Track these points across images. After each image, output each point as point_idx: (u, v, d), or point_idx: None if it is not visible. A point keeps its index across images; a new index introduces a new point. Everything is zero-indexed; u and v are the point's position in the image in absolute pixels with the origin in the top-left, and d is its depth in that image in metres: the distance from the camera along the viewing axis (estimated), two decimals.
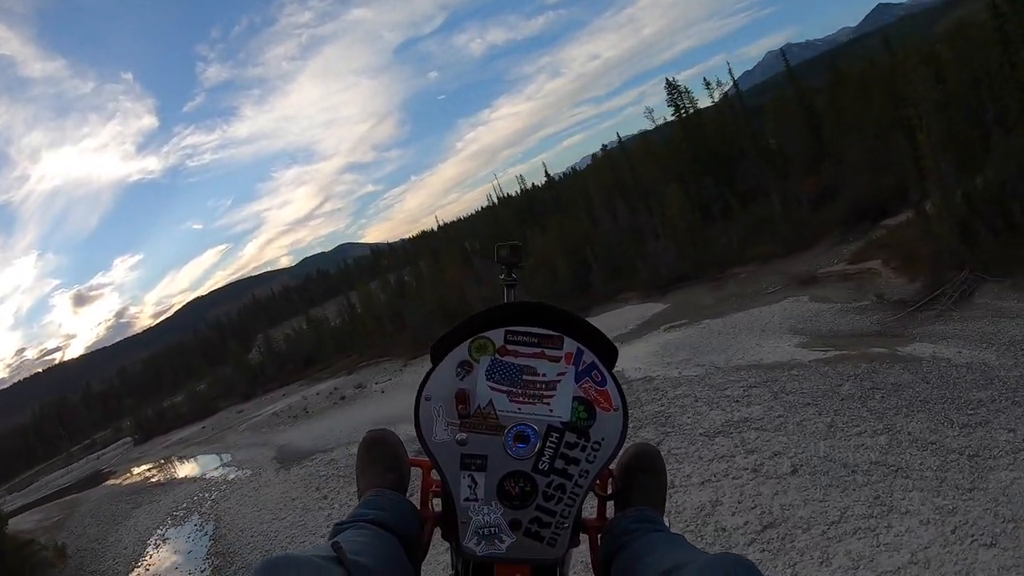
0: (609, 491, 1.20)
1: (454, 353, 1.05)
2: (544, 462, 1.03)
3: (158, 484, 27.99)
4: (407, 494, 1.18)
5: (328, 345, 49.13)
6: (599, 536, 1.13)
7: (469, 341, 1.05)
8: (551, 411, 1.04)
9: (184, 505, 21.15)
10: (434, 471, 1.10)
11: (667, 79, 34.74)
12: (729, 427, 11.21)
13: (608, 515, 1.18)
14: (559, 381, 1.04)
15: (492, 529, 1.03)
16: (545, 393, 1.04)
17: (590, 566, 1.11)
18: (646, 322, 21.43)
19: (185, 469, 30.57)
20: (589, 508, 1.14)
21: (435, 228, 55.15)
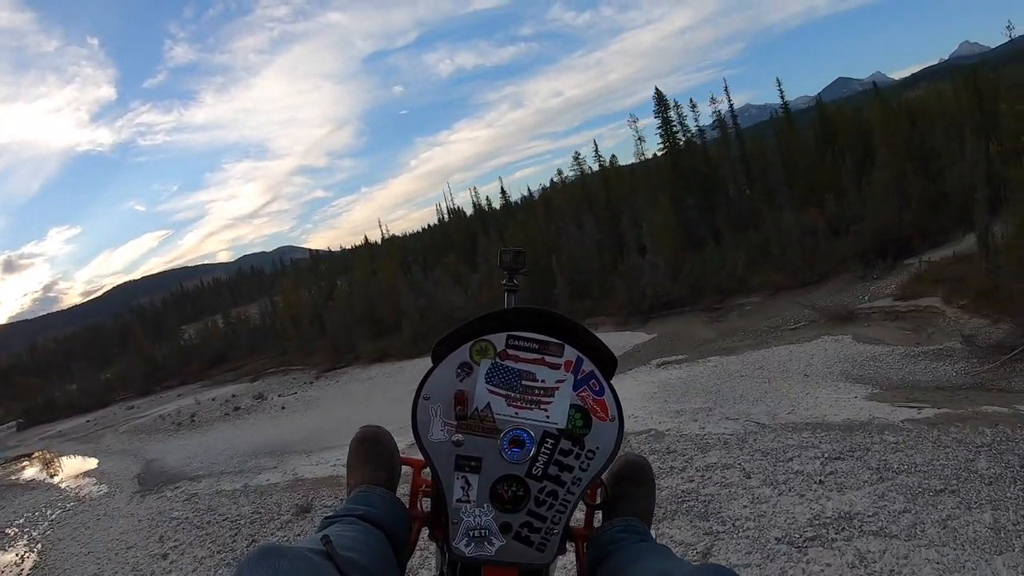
0: (598, 500, 1.17)
1: (455, 354, 1.04)
2: (538, 468, 1.02)
3: (12, 484, 23.70)
4: (397, 492, 1.15)
5: (241, 345, 44.98)
6: (585, 544, 1.12)
7: (471, 343, 1.04)
8: (548, 417, 1.03)
9: (20, 521, 17.22)
10: (425, 470, 1.10)
11: (656, 89, 32.02)
12: (824, 527, 6.48)
13: (596, 524, 1.16)
14: (557, 388, 1.03)
15: (482, 531, 1.02)
16: (543, 399, 1.03)
17: (575, 574, 1.09)
18: (628, 354, 17.76)
19: (47, 471, 25.97)
20: (577, 516, 1.11)
21: (379, 240, 50.01)
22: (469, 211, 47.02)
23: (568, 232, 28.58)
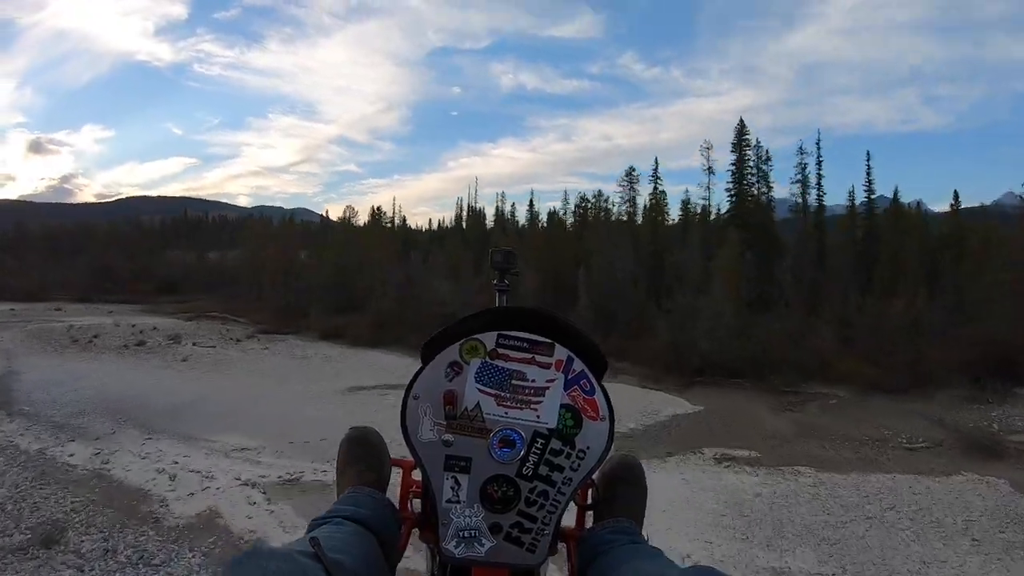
0: (589, 501, 1.16)
1: (444, 353, 1.03)
2: (528, 468, 1.01)
3: None
4: (387, 493, 1.13)
5: (197, 281, 40.53)
6: (576, 545, 1.11)
7: (460, 342, 1.02)
8: (538, 417, 1.02)
9: None
10: (415, 471, 1.09)
11: (741, 120, 27.70)
12: None
13: (588, 525, 1.15)
14: (548, 388, 1.03)
15: (472, 532, 1.01)
16: (533, 399, 1.02)
17: (567, 574, 1.09)
18: (664, 427, 12.52)
19: None
20: (569, 517, 1.10)
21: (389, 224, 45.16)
22: (492, 216, 42.52)
23: (603, 251, 23.25)
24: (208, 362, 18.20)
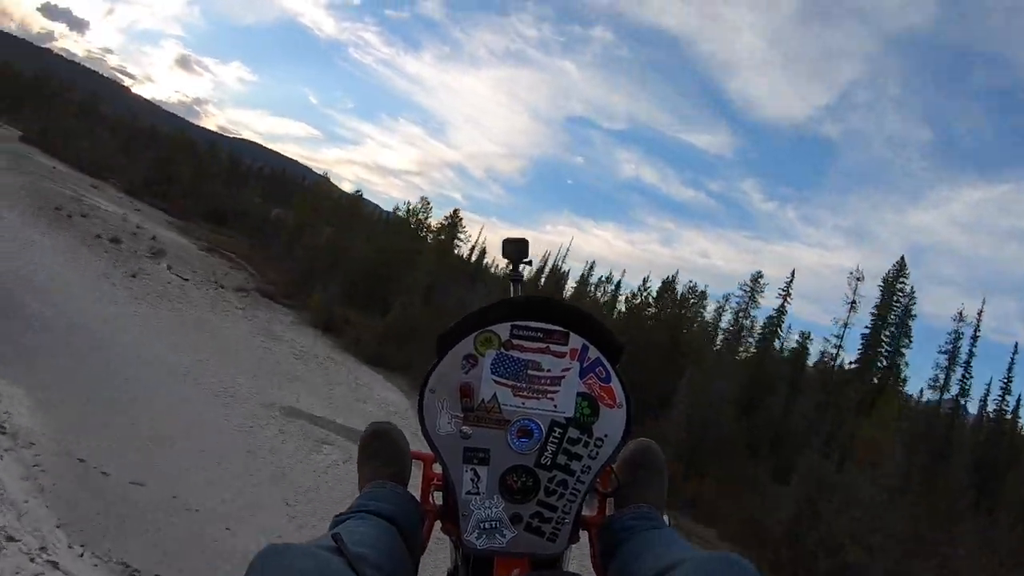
0: (610, 488, 1.13)
1: (459, 346, 1.01)
2: (547, 457, 1.00)
3: None
4: (408, 487, 1.12)
5: (246, 224, 37.34)
6: (598, 532, 1.10)
7: (475, 335, 1.01)
8: (555, 406, 1.01)
9: None
10: (435, 464, 1.08)
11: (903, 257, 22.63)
12: None
13: (609, 512, 1.13)
14: (563, 377, 1.01)
15: (493, 523, 1.01)
16: (549, 388, 1.01)
17: (590, 562, 1.07)
18: None
19: None
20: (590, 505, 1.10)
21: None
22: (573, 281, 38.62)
23: (704, 369, 18.23)
24: (156, 294, 14.06)
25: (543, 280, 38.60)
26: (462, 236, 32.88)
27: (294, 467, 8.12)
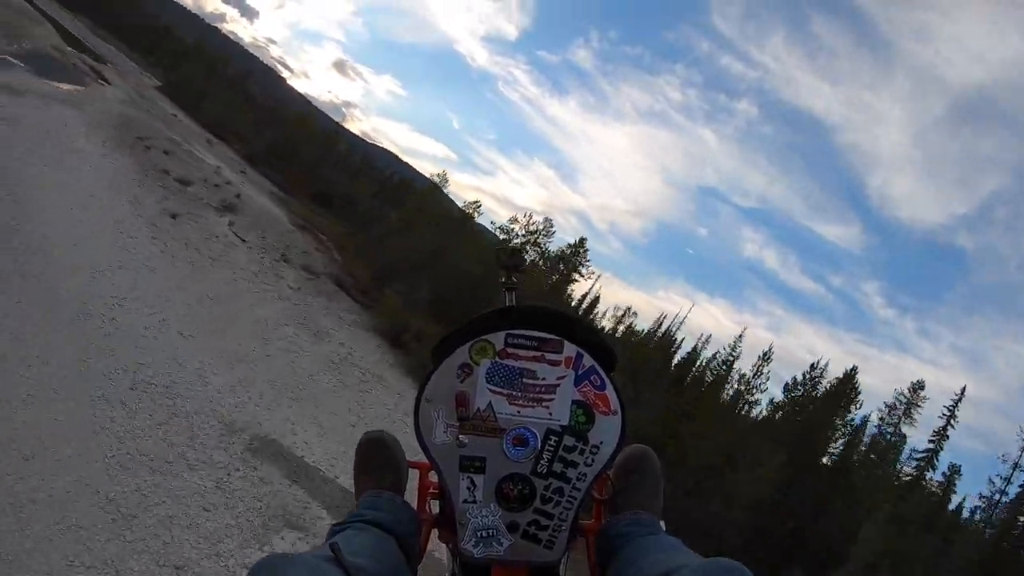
0: (606, 494, 1.17)
1: (454, 355, 1.03)
2: (543, 465, 1.02)
3: None
4: (405, 496, 1.15)
5: (354, 212, 34.01)
6: (596, 539, 1.12)
7: (470, 344, 1.03)
8: (550, 414, 1.02)
9: None
10: (432, 473, 1.10)
11: None
12: None
13: (606, 518, 1.16)
14: (558, 385, 1.03)
15: (490, 531, 1.02)
16: (544, 396, 1.03)
17: (587, 568, 1.08)
18: None
19: None
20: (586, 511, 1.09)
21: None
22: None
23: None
24: (185, 243, 10.89)
25: (651, 344, 34.12)
26: (583, 271, 28.56)
27: None
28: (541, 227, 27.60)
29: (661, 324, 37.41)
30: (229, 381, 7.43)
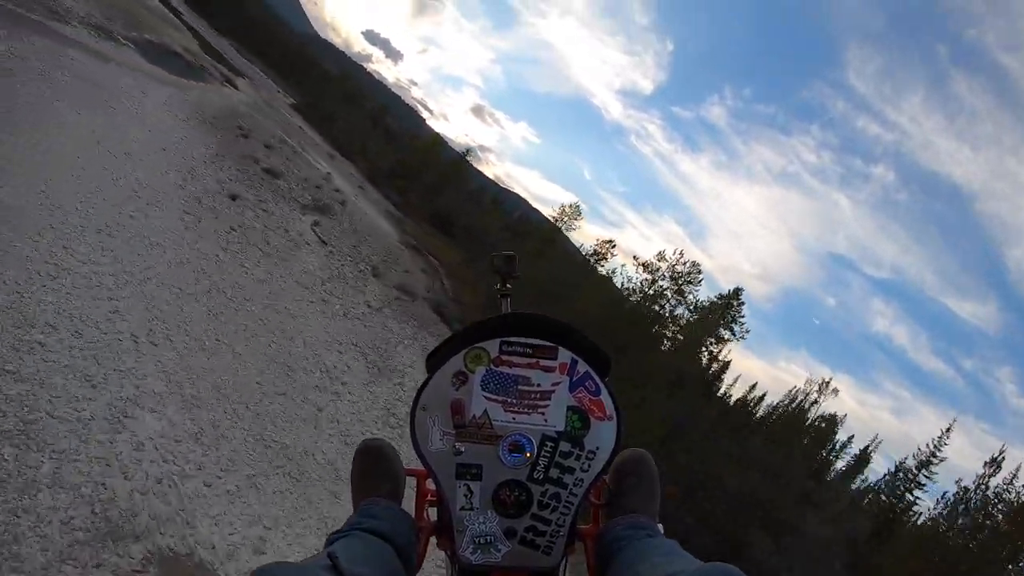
0: (603, 499, 1.16)
1: (449, 364, 1.03)
2: (539, 471, 1.02)
3: None
4: (403, 503, 1.13)
5: (474, 238, 30.67)
6: (593, 543, 1.11)
7: (464, 352, 1.03)
8: (546, 421, 1.02)
9: None
10: (429, 480, 1.09)
11: None
12: None
13: (604, 523, 1.15)
14: (553, 391, 1.03)
15: (488, 538, 1.02)
16: (540, 403, 1.02)
17: (586, 573, 1.07)
18: None
19: None
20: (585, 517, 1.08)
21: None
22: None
23: None
24: (234, 226, 8.04)
25: (775, 415, 30.25)
26: (736, 328, 24.00)
27: None
28: (688, 270, 23.36)
29: (795, 399, 31.83)
30: (174, 432, 4.12)
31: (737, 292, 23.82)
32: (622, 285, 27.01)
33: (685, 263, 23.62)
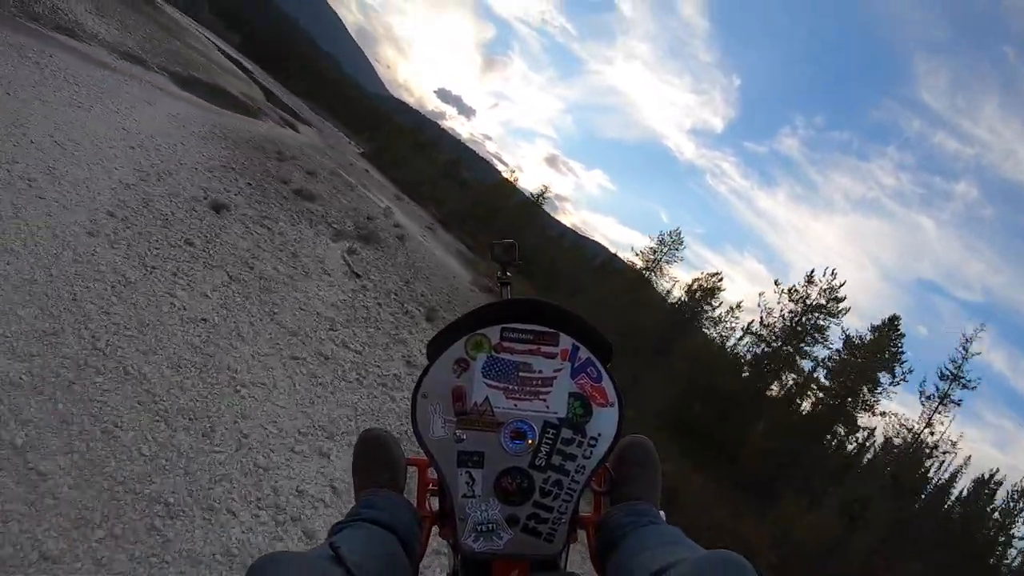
0: (605, 486, 1.13)
1: (450, 350, 1.01)
2: (541, 458, 0.99)
3: None
4: (404, 493, 1.12)
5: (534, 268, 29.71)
6: (595, 531, 1.08)
7: (465, 338, 1.01)
8: (547, 407, 1.00)
9: None
10: (431, 469, 1.08)
11: None
12: None
13: (606, 509, 1.12)
14: (555, 378, 1.01)
15: (490, 525, 0.99)
16: (541, 390, 1.00)
17: (589, 561, 1.05)
18: None
19: None
20: (586, 503, 1.06)
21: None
22: None
23: None
24: (222, 262, 5.13)
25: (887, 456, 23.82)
26: (897, 369, 19.44)
27: None
28: (836, 293, 19.23)
29: (916, 442, 26.21)
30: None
31: (894, 320, 19.20)
32: (725, 342, 22.99)
33: (835, 284, 19.42)
